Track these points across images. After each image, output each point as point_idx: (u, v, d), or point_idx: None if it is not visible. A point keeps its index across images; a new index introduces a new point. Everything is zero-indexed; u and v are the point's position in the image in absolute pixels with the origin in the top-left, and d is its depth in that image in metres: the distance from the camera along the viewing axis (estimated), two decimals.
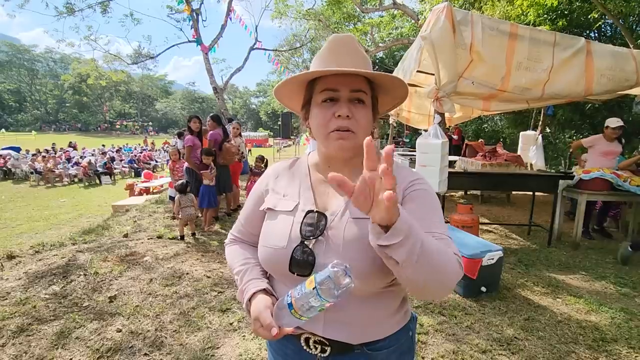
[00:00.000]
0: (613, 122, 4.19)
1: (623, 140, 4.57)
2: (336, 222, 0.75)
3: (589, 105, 8.36)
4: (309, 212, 0.78)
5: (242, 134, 6.54)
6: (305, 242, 0.75)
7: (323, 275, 0.63)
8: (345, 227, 0.74)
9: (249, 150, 20.59)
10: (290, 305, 0.66)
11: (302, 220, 0.77)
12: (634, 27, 9.46)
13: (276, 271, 0.81)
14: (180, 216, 4.25)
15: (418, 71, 3.78)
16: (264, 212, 0.87)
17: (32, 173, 13.31)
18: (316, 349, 0.78)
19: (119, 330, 2.34)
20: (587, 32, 9.31)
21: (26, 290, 2.85)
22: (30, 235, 6.10)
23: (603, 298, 2.89)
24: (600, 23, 8.76)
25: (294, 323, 0.69)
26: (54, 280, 3.02)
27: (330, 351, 0.77)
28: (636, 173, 4.27)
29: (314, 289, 0.63)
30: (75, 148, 20.83)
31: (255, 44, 13.64)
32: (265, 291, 0.80)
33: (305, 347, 0.79)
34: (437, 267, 0.62)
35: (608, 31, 10.22)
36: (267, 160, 6.01)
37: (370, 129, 0.80)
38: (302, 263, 0.74)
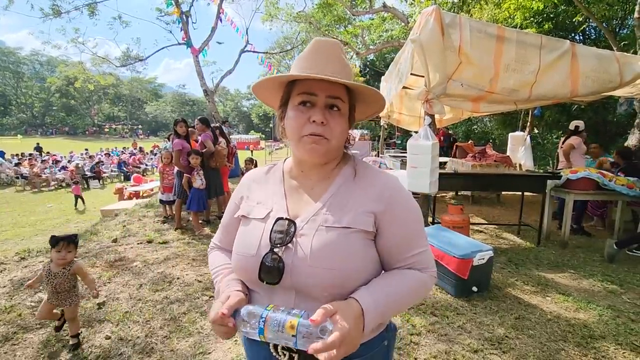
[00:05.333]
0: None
1: (561, 141, 5.43)
2: (306, 230, 0.75)
3: (575, 106, 8.53)
4: (278, 219, 0.78)
5: (232, 136, 6.49)
6: (275, 250, 0.74)
7: (304, 328, 0.63)
8: (314, 235, 0.74)
9: (251, 151, 20.63)
10: (261, 330, 0.66)
11: (272, 228, 0.77)
12: (617, 30, 9.72)
13: (247, 278, 0.81)
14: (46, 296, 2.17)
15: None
16: (239, 219, 0.87)
17: (17, 178, 13.02)
18: (284, 355, 0.77)
19: (108, 337, 2.30)
20: (572, 35, 9.54)
21: (11, 298, 2.78)
22: (16, 242, 5.96)
23: (591, 296, 2.94)
24: (584, 26, 8.98)
25: (255, 337, 0.68)
26: (40, 288, 2.95)
27: (298, 358, 0.76)
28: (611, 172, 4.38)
29: (294, 336, 0.63)
30: (142, 150, 20.70)
31: (246, 46, 13.59)
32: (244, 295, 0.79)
33: (274, 354, 0.79)
34: (409, 304, 0.81)
35: (592, 34, 10.48)
36: (256, 162, 6.00)
37: (344, 137, 0.81)
38: (270, 270, 0.74)
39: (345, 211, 0.76)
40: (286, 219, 0.77)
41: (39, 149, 20.58)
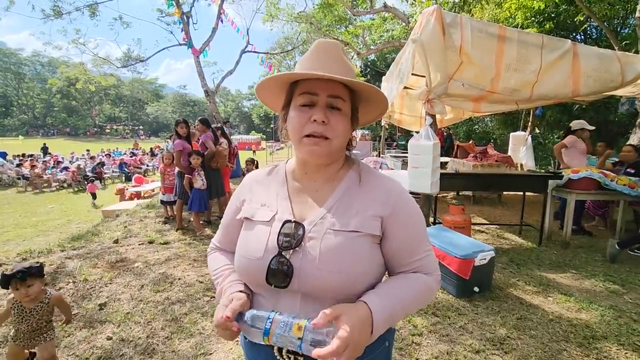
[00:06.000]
0: None
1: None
2: (314, 233, 0.75)
3: (577, 106, 8.52)
4: (286, 222, 0.78)
5: (233, 137, 6.50)
6: (283, 253, 0.74)
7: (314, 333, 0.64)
8: (322, 238, 0.74)
9: (254, 151, 20.76)
10: (266, 331, 0.66)
11: (279, 231, 0.77)
12: (619, 29, 9.70)
13: (252, 282, 0.81)
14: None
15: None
16: (241, 221, 0.87)
17: (19, 179, 13.05)
18: (289, 359, 0.77)
19: (109, 338, 2.30)
20: (574, 34, 9.53)
21: None
22: (18, 243, 5.97)
23: (593, 296, 2.93)
24: (585, 26, 8.96)
25: (260, 341, 0.68)
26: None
27: None
28: (614, 172, 4.36)
29: (299, 339, 0.63)
30: (152, 152, 20.59)
31: (246, 46, 13.60)
32: (247, 296, 0.79)
33: (278, 357, 0.78)
34: (416, 308, 0.80)
35: (593, 33, 10.46)
36: (257, 162, 6.00)
37: (346, 137, 0.80)
38: (279, 274, 0.74)
39: (352, 215, 0.77)
40: (294, 221, 0.77)
41: (45, 149, 20.88)
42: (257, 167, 5.78)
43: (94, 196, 10.50)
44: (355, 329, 0.64)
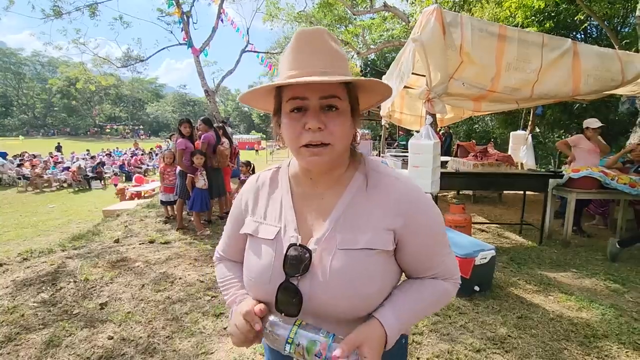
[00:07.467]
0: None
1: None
2: (322, 254, 0.70)
3: (577, 105, 8.52)
4: (291, 245, 0.71)
5: (233, 136, 6.46)
6: (291, 280, 0.70)
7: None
8: (332, 260, 0.69)
9: (257, 151, 20.79)
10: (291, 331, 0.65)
11: (286, 254, 0.71)
12: (619, 28, 9.69)
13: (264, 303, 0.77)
14: None
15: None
16: (245, 235, 0.82)
17: (19, 179, 13.06)
18: None
19: (110, 338, 2.30)
20: (574, 33, 9.51)
21: (14, 299, 2.78)
22: (18, 242, 5.97)
23: (593, 295, 2.93)
24: (586, 25, 8.94)
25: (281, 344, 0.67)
26: (43, 288, 2.96)
27: None
28: (623, 170, 4.35)
29: (326, 337, 0.64)
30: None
31: (246, 46, 13.59)
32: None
33: None
34: (430, 313, 0.82)
35: (594, 32, 10.45)
36: (253, 166, 5.94)
37: (348, 137, 0.72)
38: (287, 302, 0.70)
39: (361, 230, 0.71)
40: (300, 245, 0.71)
41: (59, 148, 21.36)
42: (253, 171, 5.72)
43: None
44: (376, 355, 0.66)
